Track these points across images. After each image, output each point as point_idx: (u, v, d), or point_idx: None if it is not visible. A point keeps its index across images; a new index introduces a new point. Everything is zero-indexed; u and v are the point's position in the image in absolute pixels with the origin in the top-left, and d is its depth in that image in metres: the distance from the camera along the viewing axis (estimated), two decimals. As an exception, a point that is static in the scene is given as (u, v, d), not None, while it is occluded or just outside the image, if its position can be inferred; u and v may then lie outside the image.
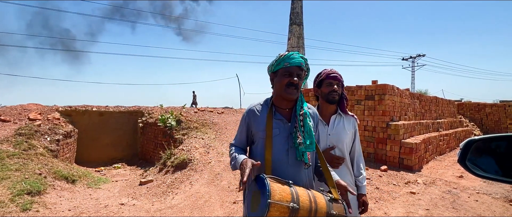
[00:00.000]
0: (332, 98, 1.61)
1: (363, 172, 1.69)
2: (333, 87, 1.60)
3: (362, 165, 1.70)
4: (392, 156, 5.12)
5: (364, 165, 1.73)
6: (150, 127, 7.75)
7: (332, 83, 1.61)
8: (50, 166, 4.63)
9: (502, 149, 0.85)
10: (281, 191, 1.02)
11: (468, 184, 4.23)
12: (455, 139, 7.49)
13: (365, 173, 1.71)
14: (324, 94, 1.64)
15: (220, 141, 6.27)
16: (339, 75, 1.63)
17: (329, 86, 1.61)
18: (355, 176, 1.68)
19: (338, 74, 1.63)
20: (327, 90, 1.62)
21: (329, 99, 1.62)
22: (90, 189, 4.69)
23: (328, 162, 1.54)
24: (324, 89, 1.63)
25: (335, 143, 1.62)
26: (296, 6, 13.68)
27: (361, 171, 1.68)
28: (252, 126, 1.31)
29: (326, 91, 1.62)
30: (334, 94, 1.60)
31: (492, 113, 11.62)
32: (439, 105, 8.53)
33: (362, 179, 1.66)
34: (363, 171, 1.69)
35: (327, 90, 1.62)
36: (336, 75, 1.62)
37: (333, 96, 1.60)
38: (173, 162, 5.29)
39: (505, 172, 0.79)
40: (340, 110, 1.68)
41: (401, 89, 6.13)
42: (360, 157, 1.71)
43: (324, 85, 1.63)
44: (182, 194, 4.08)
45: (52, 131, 5.92)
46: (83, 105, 8.09)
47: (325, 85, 1.63)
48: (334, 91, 1.60)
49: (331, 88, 1.61)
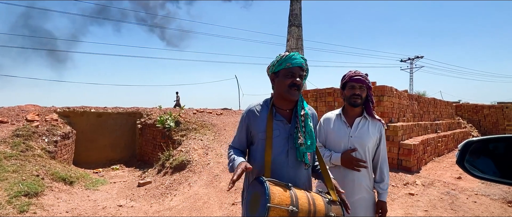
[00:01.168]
0: (353, 101, 1.58)
1: (386, 178, 1.63)
2: (354, 91, 1.56)
3: (385, 171, 1.63)
4: (391, 157, 5.13)
5: (388, 172, 1.66)
6: (148, 128, 7.73)
7: (355, 86, 1.56)
8: (47, 167, 4.61)
9: (500, 150, 0.85)
10: (280, 194, 1.02)
11: (466, 185, 4.24)
12: (453, 140, 7.51)
13: (388, 180, 1.64)
14: (346, 97, 1.61)
15: (219, 142, 6.26)
16: (363, 78, 1.56)
17: (351, 89, 1.58)
18: (377, 182, 1.63)
19: (362, 76, 1.57)
20: (349, 93, 1.59)
21: (351, 102, 1.59)
22: (88, 190, 4.66)
23: (349, 163, 1.54)
24: (347, 92, 1.60)
25: (357, 146, 1.58)
26: (295, 8, 13.72)
27: (384, 177, 1.62)
28: (251, 127, 1.30)
29: (348, 94, 1.59)
30: (356, 98, 1.57)
31: (490, 115, 11.67)
32: (437, 107, 8.56)
33: (383, 185, 1.61)
34: (386, 178, 1.62)
35: (349, 94, 1.59)
36: (359, 78, 1.56)
37: (355, 100, 1.57)
38: (171, 164, 5.28)
39: (503, 173, 0.80)
40: (366, 113, 1.64)
41: (400, 91, 6.15)
42: (384, 163, 1.64)
43: (347, 88, 1.60)
44: (180, 195, 4.06)
45: (50, 132, 5.89)
46: (81, 106, 8.07)
47: (348, 88, 1.60)
48: (356, 95, 1.56)
49: (352, 92, 1.57)
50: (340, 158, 1.57)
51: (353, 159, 1.55)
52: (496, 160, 0.86)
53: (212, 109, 10.13)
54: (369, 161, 1.61)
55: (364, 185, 1.59)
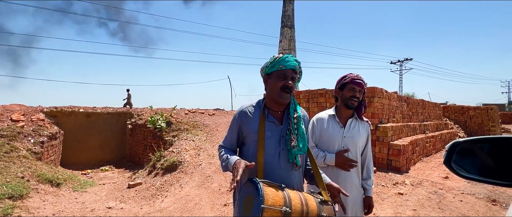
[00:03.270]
0: (351, 103, 1.63)
1: (372, 175, 1.73)
2: (355, 93, 1.62)
3: (371, 169, 1.73)
4: (381, 157, 5.22)
5: (373, 169, 1.77)
6: (139, 128, 7.61)
7: (355, 89, 1.62)
8: (33, 169, 4.47)
9: (485, 150, 0.88)
10: (274, 195, 1.02)
11: (453, 184, 4.35)
12: (441, 141, 7.70)
13: (373, 176, 1.75)
14: (344, 98, 1.65)
15: (211, 143, 6.22)
16: (363, 83, 1.63)
17: (351, 91, 1.63)
18: (364, 179, 1.72)
19: (363, 81, 1.63)
20: (349, 94, 1.63)
21: (348, 104, 1.64)
22: (75, 192, 4.55)
23: (342, 164, 1.62)
24: (346, 93, 1.64)
25: (350, 146, 1.65)
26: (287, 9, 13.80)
27: (370, 174, 1.72)
28: (244, 128, 1.29)
29: (348, 95, 1.63)
30: (354, 100, 1.62)
31: (476, 116, 12.04)
32: (426, 108, 8.77)
33: (370, 182, 1.71)
34: (371, 175, 1.73)
35: (348, 95, 1.63)
36: (361, 82, 1.62)
37: (353, 102, 1.62)
38: (162, 164, 5.21)
39: (488, 173, 0.82)
40: (356, 115, 1.71)
41: (390, 92, 6.26)
42: (370, 161, 1.74)
43: (347, 89, 1.64)
44: (171, 197, 4.01)
45: (36, 132, 5.73)
46: (70, 106, 7.87)
47: (348, 89, 1.64)
48: (355, 97, 1.62)
49: (352, 94, 1.62)
50: (334, 158, 1.62)
51: (347, 159, 1.62)
52: (481, 160, 0.88)
53: (204, 109, 10.07)
54: (359, 159, 1.69)
55: (355, 184, 1.67)
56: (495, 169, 0.83)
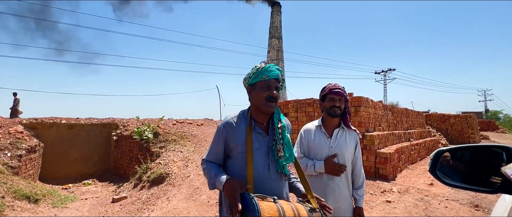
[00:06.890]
0: (333, 112, 1.66)
1: (363, 185, 1.72)
2: (334, 103, 1.65)
3: (362, 178, 1.73)
4: (368, 165, 5.30)
5: (364, 178, 1.75)
6: (124, 140, 7.38)
7: (334, 98, 1.65)
8: (9, 184, 4.22)
9: (466, 158, 0.92)
10: (269, 209, 1.02)
11: (438, 191, 4.46)
12: (425, 148, 7.93)
13: (364, 186, 1.75)
14: (326, 109, 1.69)
15: (200, 154, 6.12)
16: (342, 91, 1.66)
17: (331, 101, 1.66)
18: (355, 188, 1.71)
19: (341, 89, 1.67)
20: (329, 105, 1.67)
21: (330, 113, 1.67)
22: (55, 208, 4.31)
23: (331, 169, 1.62)
24: (327, 103, 1.68)
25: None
26: (275, 20, 14.09)
27: (362, 183, 1.71)
28: (230, 140, 1.25)
29: (328, 106, 1.67)
30: (335, 109, 1.65)
31: (456, 123, 12.54)
32: (410, 117, 9.06)
33: (361, 191, 1.70)
34: (363, 184, 1.72)
35: (329, 105, 1.67)
36: (339, 91, 1.65)
37: (334, 110, 1.66)
38: (149, 177, 5.05)
39: (470, 181, 0.85)
40: (343, 124, 1.72)
41: (375, 102, 6.44)
42: (361, 169, 1.73)
43: (327, 100, 1.68)
44: (158, 210, 3.88)
45: (13, 145, 5.44)
46: (51, 117, 7.56)
47: (328, 100, 1.68)
48: (335, 106, 1.65)
49: (332, 103, 1.66)
50: (323, 165, 1.63)
51: (335, 164, 1.63)
52: (463, 168, 0.92)
53: (193, 119, 9.94)
54: (348, 169, 1.68)
55: (344, 194, 1.66)
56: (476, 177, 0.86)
